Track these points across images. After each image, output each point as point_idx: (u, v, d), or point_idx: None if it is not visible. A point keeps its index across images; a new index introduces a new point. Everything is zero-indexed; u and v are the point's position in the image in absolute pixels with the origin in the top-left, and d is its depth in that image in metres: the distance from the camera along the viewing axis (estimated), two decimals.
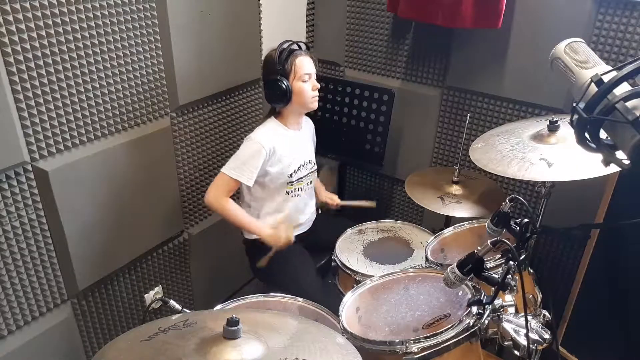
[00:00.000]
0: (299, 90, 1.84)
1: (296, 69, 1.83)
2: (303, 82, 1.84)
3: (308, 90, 1.86)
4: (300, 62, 1.83)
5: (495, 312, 1.26)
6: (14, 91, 1.42)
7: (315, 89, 1.88)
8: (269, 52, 1.88)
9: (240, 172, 1.80)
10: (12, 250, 1.55)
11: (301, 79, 1.84)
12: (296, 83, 1.84)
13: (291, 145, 1.92)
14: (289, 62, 1.82)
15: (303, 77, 1.84)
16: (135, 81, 1.76)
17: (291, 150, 1.91)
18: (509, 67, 2.14)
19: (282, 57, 1.81)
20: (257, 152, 1.81)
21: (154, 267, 2.10)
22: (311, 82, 1.87)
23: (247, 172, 1.81)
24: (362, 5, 2.45)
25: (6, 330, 1.59)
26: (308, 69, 1.85)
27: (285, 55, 1.82)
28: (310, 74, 1.86)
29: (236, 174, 1.80)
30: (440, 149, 2.49)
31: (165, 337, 0.97)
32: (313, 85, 1.87)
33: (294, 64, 1.82)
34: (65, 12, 1.48)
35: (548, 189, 1.75)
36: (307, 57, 1.86)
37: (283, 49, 1.82)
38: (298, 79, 1.83)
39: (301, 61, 1.84)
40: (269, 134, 1.87)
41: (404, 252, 1.94)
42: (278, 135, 1.89)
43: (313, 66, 1.88)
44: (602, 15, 1.89)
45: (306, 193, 2.04)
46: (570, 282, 1.99)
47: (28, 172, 1.53)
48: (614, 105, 0.83)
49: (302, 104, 1.89)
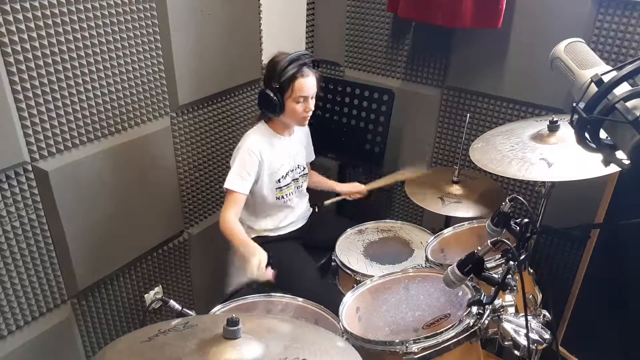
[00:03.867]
0: (290, 109, 1.83)
1: (293, 89, 1.79)
2: (297, 103, 1.82)
3: (299, 111, 1.84)
4: (300, 84, 1.79)
5: (495, 312, 1.26)
6: (14, 91, 1.42)
7: (307, 111, 1.86)
8: (276, 58, 1.83)
9: (241, 182, 1.82)
10: (12, 250, 1.54)
11: (296, 100, 1.81)
12: (290, 102, 1.82)
13: (280, 151, 1.93)
14: (289, 80, 1.78)
15: (298, 98, 1.81)
16: (135, 81, 1.76)
17: (279, 156, 1.92)
18: (508, 67, 2.14)
19: (284, 73, 1.77)
20: (249, 161, 1.82)
21: (154, 267, 2.10)
22: (305, 104, 1.84)
23: (247, 182, 1.83)
24: (362, 5, 2.45)
25: (6, 331, 1.59)
26: (306, 91, 1.81)
27: (289, 73, 1.77)
28: (307, 96, 1.83)
29: (239, 185, 1.81)
30: (440, 149, 2.49)
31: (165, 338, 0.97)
32: (306, 107, 1.85)
33: (293, 84, 1.79)
34: (65, 12, 1.48)
35: (548, 189, 1.75)
36: (309, 78, 1.82)
37: (284, 64, 1.77)
38: (293, 99, 1.81)
39: (301, 83, 1.79)
40: (256, 140, 1.87)
41: (404, 252, 1.94)
42: (266, 142, 1.89)
43: (314, 87, 1.85)
44: (602, 15, 1.89)
45: (297, 196, 2.06)
46: (570, 282, 1.99)
47: (28, 172, 1.53)
48: (614, 105, 0.83)
49: (290, 120, 1.90)
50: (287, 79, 1.78)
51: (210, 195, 2.29)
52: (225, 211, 1.82)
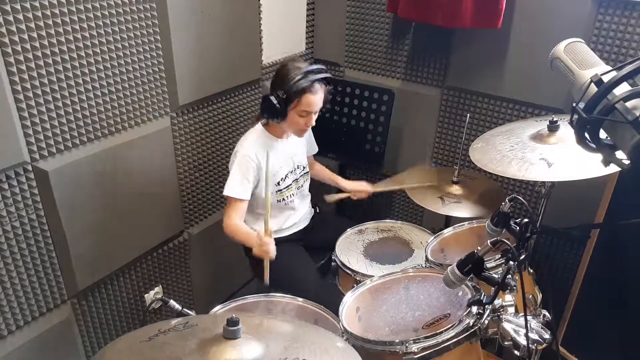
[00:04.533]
0: (291, 120, 1.82)
1: (300, 103, 1.77)
2: (300, 117, 1.81)
3: (300, 124, 1.84)
4: (307, 100, 1.76)
5: (495, 312, 1.26)
6: (14, 91, 1.42)
7: (308, 125, 1.86)
8: (289, 65, 1.79)
9: (242, 189, 1.82)
10: (12, 250, 1.54)
11: (299, 113, 1.80)
12: (293, 114, 1.80)
13: (277, 154, 1.91)
14: (298, 93, 1.75)
15: (302, 112, 1.80)
16: (135, 81, 1.76)
17: (277, 159, 1.91)
18: (508, 67, 2.14)
19: (295, 85, 1.73)
20: (246, 166, 1.82)
21: (154, 267, 2.10)
22: (307, 119, 1.83)
23: (246, 188, 1.83)
24: (362, 6, 2.45)
25: (6, 331, 1.59)
26: (312, 108, 1.80)
27: (299, 86, 1.74)
28: (311, 112, 1.82)
29: (239, 192, 1.82)
30: (440, 149, 2.49)
31: (165, 338, 0.97)
32: (308, 121, 1.84)
33: (300, 98, 1.76)
34: (65, 12, 1.48)
35: (548, 189, 1.75)
36: (317, 95, 1.79)
37: (300, 80, 1.73)
38: (297, 112, 1.80)
39: (309, 99, 1.76)
40: (253, 144, 1.86)
41: (404, 252, 1.94)
42: (262, 145, 1.88)
43: (320, 103, 1.83)
44: (602, 15, 1.89)
45: (298, 197, 2.05)
46: (570, 282, 1.99)
47: (28, 172, 1.53)
48: (614, 105, 0.83)
49: (289, 129, 1.90)
50: (296, 92, 1.75)
51: (210, 195, 2.29)
52: (228, 218, 1.84)
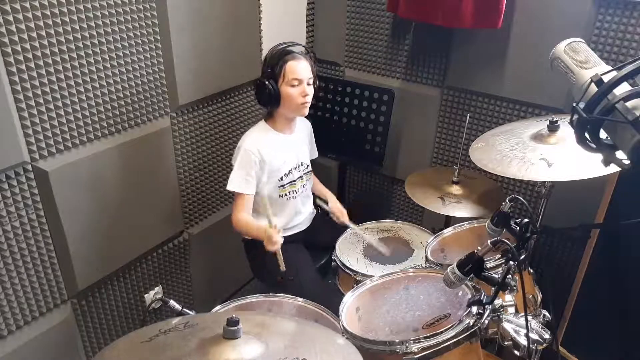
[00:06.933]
0: (286, 95, 1.81)
1: (285, 73, 1.78)
2: (291, 87, 1.80)
3: (296, 96, 1.81)
4: (290, 66, 1.78)
5: (495, 312, 1.26)
6: (14, 91, 1.42)
7: (304, 95, 1.82)
8: (271, 49, 1.85)
9: (246, 184, 1.83)
10: (12, 250, 1.54)
11: (289, 83, 1.79)
12: (284, 87, 1.80)
13: (281, 149, 1.91)
14: (280, 65, 1.78)
15: (291, 82, 1.79)
16: (135, 81, 1.76)
17: (281, 154, 1.91)
18: (509, 67, 2.14)
19: (273, 59, 1.79)
20: (249, 161, 1.82)
21: (153, 267, 2.10)
22: (300, 88, 1.81)
23: (250, 183, 1.83)
24: (362, 5, 2.45)
25: (6, 330, 1.59)
26: (298, 74, 1.79)
27: (277, 57, 1.79)
28: (301, 79, 1.80)
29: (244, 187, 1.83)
30: (440, 149, 2.49)
31: (165, 338, 0.97)
32: (302, 91, 1.81)
33: (284, 68, 1.78)
34: (65, 12, 1.48)
35: (548, 189, 1.75)
36: (301, 62, 1.81)
37: (275, 51, 1.80)
38: (286, 83, 1.79)
39: (291, 66, 1.78)
40: (256, 139, 1.87)
41: (404, 252, 1.94)
42: (266, 140, 1.88)
43: (307, 71, 1.82)
44: (602, 15, 1.89)
45: (302, 195, 2.04)
46: (570, 282, 1.99)
47: (28, 172, 1.53)
48: (614, 105, 0.83)
49: (289, 109, 1.87)
50: (279, 63, 1.78)
51: (210, 195, 2.29)
52: (236, 214, 1.84)
